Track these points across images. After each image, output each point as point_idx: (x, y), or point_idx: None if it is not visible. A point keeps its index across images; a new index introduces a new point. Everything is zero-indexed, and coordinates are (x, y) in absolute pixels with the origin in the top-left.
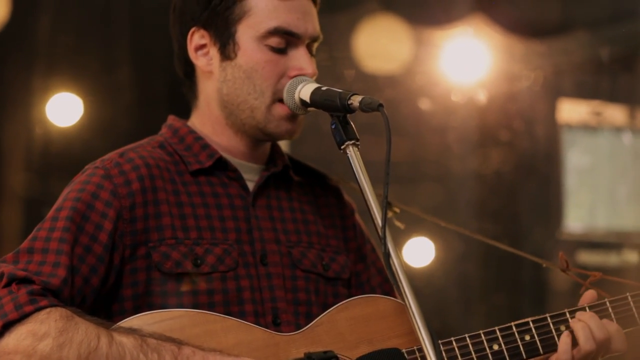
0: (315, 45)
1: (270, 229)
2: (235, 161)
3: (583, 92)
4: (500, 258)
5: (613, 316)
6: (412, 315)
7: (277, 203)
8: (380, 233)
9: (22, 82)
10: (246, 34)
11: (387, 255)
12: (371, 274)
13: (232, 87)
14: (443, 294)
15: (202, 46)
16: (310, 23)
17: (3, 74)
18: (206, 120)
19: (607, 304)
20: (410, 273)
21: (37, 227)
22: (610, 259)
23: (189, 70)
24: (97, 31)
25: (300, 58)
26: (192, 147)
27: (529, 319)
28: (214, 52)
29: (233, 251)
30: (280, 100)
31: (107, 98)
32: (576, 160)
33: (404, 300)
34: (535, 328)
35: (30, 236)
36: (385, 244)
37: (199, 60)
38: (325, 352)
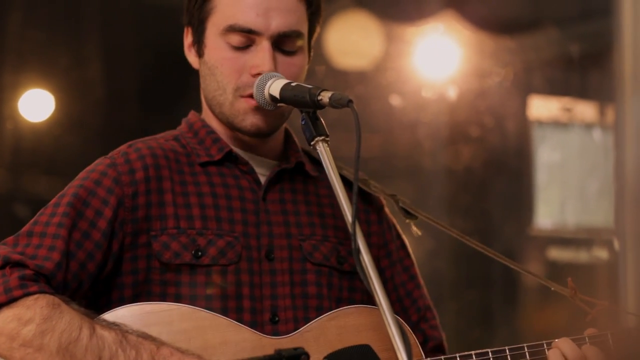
0: (297, 41)
1: (281, 224)
2: (246, 155)
3: (553, 89)
4: (471, 255)
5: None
6: (383, 315)
7: (292, 196)
8: (350, 229)
9: None
10: (211, 32)
11: (357, 251)
12: (395, 271)
13: (204, 83)
14: None
15: (192, 44)
16: (275, 19)
17: None
18: (207, 116)
19: (609, 336)
20: None
21: (40, 211)
22: (581, 255)
23: None
24: (68, 27)
25: (258, 55)
26: (204, 141)
27: (506, 347)
28: (194, 49)
29: (237, 244)
30: (245, 96)
31: (78, 94)
32: (546, 156)
33: (374, 298)
34: (512, 357)
35: (32, 220)
36: (355, 240)
37: (189, 57)
38: (295, 349)
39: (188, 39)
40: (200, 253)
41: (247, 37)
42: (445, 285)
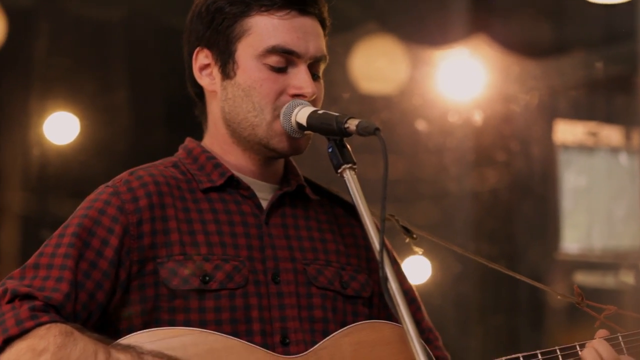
0: (322, 66)
1: (285, 247)
2: (247, 179)
3: (579, 113)
4: (497, 278)
5: (625, 352)
6: (410, 340)
7: (294, 221)
8: (377, 257)
9: (20, 103)
10: (245, 53)
11: (385, 279)
12: None
13: (232, 105)
14: (440, 314)
15: (206, 66)
16: (312, 42)
17: (0, 94)
18: (215, 140)
19: (620, 338)
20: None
21: (45, 243)
22: (607, 279)
23: (199, 91)
24: (94, 52)
25: (299, 77)
26: (205, 167)
27: (538, 352)
28: (216, 71)
29: (243, 268)
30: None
31: (104, 119)
32: (572, 180)
33: (402, 325)
34: None
35: (37, 252)
36: (382, 268)
37: (203, 80)
38: None
39: (201, 60)
40: (207, 278)
41: (287, 58)
42: (472, 310)
